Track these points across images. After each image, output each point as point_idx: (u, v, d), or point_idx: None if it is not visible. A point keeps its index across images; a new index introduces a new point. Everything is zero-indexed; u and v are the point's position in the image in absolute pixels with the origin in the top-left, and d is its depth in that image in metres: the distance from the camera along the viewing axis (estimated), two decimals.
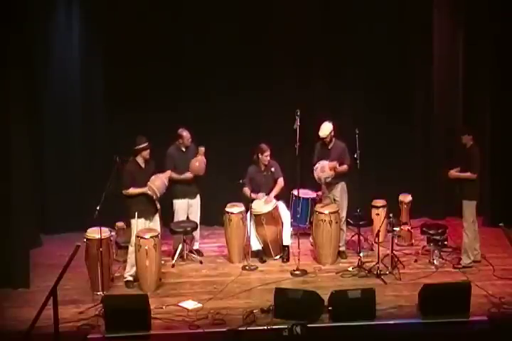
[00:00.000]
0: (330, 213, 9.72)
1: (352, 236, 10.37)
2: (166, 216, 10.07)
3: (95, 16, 10.62)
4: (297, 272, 9.48)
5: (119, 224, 10.14)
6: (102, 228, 8.91)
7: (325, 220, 9.69)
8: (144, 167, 9.18)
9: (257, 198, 9.90)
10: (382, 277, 9.22)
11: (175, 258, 9.89)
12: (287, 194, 10.44)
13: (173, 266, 9.79)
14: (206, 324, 8.16)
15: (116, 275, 9.42)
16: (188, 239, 10.09)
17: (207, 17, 10.64)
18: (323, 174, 9.63)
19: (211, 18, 10.65)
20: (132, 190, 9.05)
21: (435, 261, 9.65)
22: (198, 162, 9.90)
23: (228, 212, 9.94)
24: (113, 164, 8.88)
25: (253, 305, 8.51)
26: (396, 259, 9.52)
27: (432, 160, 11.24)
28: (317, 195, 10.47)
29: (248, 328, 8.00)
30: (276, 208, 9.90)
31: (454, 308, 8.13)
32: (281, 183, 10.02)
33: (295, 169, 9.58)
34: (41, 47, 10.62)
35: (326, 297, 8.29)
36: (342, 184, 9.85)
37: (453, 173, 9.48)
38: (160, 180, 9.17)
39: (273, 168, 9.96)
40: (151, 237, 8.99)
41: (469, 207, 9.37)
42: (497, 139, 10.86)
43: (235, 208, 9.98)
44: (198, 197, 10.13)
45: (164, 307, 8.55)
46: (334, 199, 9.89)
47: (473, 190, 9.36)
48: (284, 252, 9.98)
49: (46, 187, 10.97)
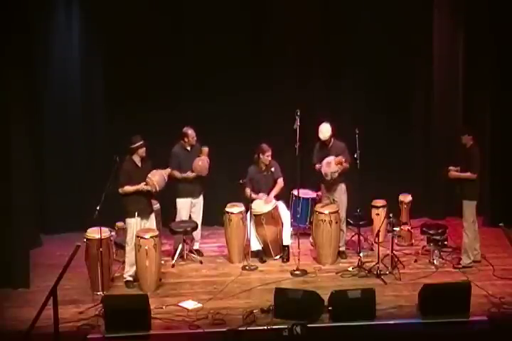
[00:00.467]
0: (330, 213, 9.72)
1: (352, 236, 10.37)
2: (168, 215, 10.09)
3: (95, 16, 10.62)
4: (297, 272, 9.48)
5: (119, 224, 10.11)
6: (102, 228, 8.91)
7: (325, 220, 9.68)
8: (141, 166, 9.17)
9: (257, 198, 9.91)
10: (382, 277, 9.22)
11: (175, 258, 9.88)
12: (287, 194, 10.44)
13: (173, 266, 9.79)
14: (206, 324, 8.15)
15: (116, 275, 9.42)
16: (188, 239, 10.09)
17: (207, 17, 10.64)
18: (329, 169, 9.57)
19: (211, 18, 10.64)
20: (127, 188, 9.02)
21: (435, 261, 9.65)
22: (202, 162, 9.88)
23: (228, 212, 9.93)
24: (113, 164, 8.87)
25: (253, 305, 8.51)
26: (396, 259, 9.52)
27: (432, 160, 11.22)
28: (317, 195, 10.48)
29: (248, 328, 8.00)
30: (276, 208, 9.90)
31: (454, 308, 8.13)
32: (281, 183, 10.02)
33: (295, 169, 9.58)
34: (41, 47, 10.61)
35: (326, 297, 8.29)
36: (341, 186, 9.85)
37: (453, 173, 9.47)
38: (159, 175, 9.15)
39: (273, 168, 9.96)
40: (151, 237, 8.98)
41: (469, 207, 9.36)
42: (497, 139, 10.85)
43: (235, 208, 9.97)
44: (202, 197, 10.12)
45: (164, 307, 8.55)
46: (333, 199, 9.90)
47: (473, 190, 9.35)
48: (284, 252, 9.98)
49: (46, 187, 10.96)
